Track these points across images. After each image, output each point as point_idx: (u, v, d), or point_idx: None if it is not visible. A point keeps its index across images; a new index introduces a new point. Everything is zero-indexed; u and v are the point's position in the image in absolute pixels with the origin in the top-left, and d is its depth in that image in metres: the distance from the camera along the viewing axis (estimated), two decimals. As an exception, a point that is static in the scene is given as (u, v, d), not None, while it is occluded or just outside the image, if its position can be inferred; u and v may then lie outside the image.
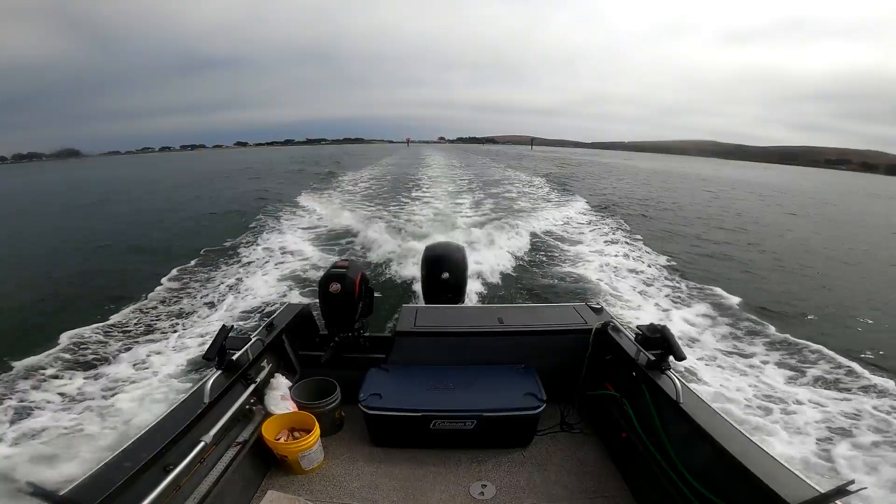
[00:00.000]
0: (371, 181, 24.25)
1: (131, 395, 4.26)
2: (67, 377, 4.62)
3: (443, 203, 15.71)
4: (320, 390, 2.53)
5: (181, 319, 6.09)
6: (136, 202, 20.75)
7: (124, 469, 1.46)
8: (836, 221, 19.96)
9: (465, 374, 2.52)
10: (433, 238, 8.70)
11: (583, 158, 70.23)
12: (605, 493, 2.13)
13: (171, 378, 4.52)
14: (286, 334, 2.68)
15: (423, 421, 2.29)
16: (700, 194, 27.27)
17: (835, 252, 12.70)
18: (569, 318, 2.75)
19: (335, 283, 2.56)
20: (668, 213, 17.74)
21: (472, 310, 3.57)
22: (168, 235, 12.39)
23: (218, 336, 2.12)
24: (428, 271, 3.45)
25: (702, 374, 4.79)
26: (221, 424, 1.87)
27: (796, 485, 1.40)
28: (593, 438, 2.51)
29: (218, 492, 1.82)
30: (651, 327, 2.25)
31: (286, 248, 9.63)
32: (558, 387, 2.56)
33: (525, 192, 20.37)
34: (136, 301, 6.75)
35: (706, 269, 9.41)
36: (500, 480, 2.20)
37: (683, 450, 1.85)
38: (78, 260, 10.16)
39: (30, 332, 5.87)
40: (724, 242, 12.67)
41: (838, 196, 37.00)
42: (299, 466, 2.20)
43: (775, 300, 7.60)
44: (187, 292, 7.15)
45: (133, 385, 4.43)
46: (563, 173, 33.95)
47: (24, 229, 14.93)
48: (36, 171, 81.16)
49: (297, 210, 14.75)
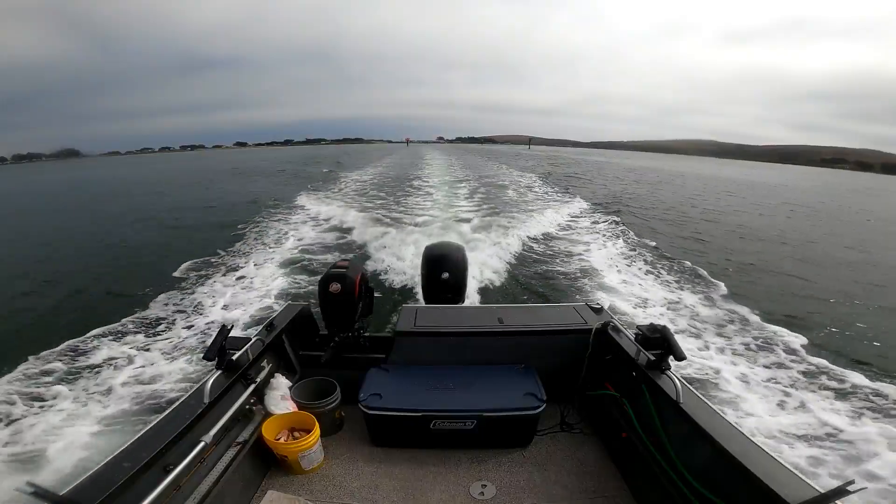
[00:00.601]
0: (371, 181, 24.26)
1: (131, 395, 4.26)
2: (67, 378, 4.63)
3: (442, 202, 15.71)
4: (320, 390, 2.53)
5: (181, 320, 6.09)
6: (136, 203, 20.78)
7: (124, 469, 1.46)
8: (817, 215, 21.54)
9: (465, 374, 2.52)
10: (433, 238, 8.71)
11: (575, 157, 74.11)
12: (605, 493, 2.13)
13: (172, 378, 4.52)
14: (286, 334, 2.68)
15: (423, 421, 2.29)
16: (683, 190, 28.72)
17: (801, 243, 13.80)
18: (569, 318, 2.75)
19: (335, 283, 2.56)
20: (650, 210, 18.00)
21: (472, 310, 3.58)
22: (168, 236, 12.41)
23: (218, 336, 2.12)
24: (428, 271, 3.45)
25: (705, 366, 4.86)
26: (221, 424, 1.87)
27: (796, 485, 1.40)
28: (593, 438, 2.51)
29: (218, 492, 1.82)
30: (651, 327, 2.25)
31: (286, 249, 9.64)
32: (558, 387, 2.56)
33: (525, 191, 20.38)
34: (135, 301, 6.76)
35: (706, 266, 9.43)
36: (500, 480, 2.20)
37: (683, 450, 1.85)
38: (77, 260, 10.18)
39: (29, 332, 5.89)
40: (721, 241, 12.74)
41: (826, 192, 39.34)
42: (299, 466, 2.20)
43: (775, 299, 7.66)
44: (187, 292, 7.15)
45: (133, 385, 4.44)
46: (555, 171, 36.83)
47: (23, 230, 14.95)
48: (36, 171, 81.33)
49: (296, 210, 14.76)
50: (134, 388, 4.38)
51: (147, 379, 4.54)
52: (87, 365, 4.88)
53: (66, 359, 5.00)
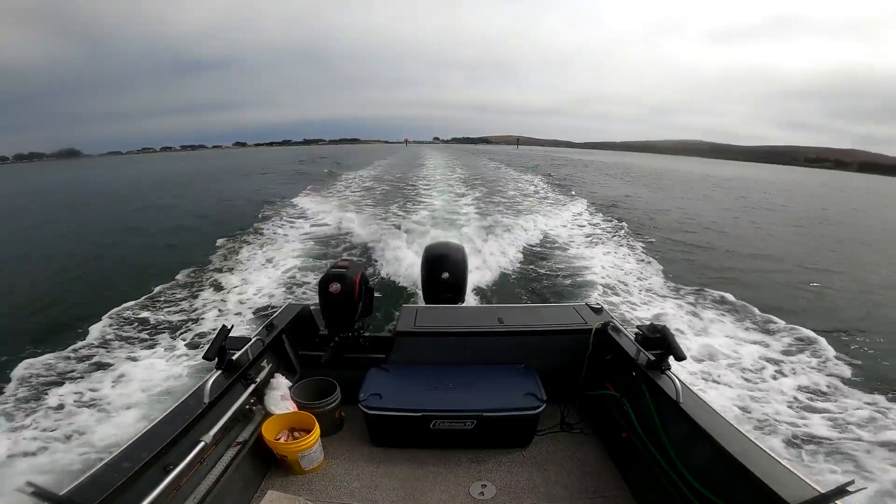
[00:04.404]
0: (371, 181, 24.25)
1: (131, 395, 4.26)
2: (67, 377, 4.63)
3: (442, 202, 15.71)
4: (320, 390, 2.53)
5: (181, 320, 6.09)
6: (136, 203, 20.76)
7: (124, 469, 1.45)
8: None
9: (465, 374, 2.52)
10: (433, 238, 8.70)
11: (559, 156, 78.39)
12: (605, 493, 2.13)
13: (172, 378, 4.51)
14: (286, 334, 2.68)
15: (423, 421, 2.29)
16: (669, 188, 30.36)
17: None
18: (569, 318, 2.75)
19: (335, 283, 2.55)
20: (650, 209, 18.24)
21: (472, 310, 3.57)
22: (167, 237, 12.40)
23: (218, 336, 2.12)
24: (428, 271, 3.45)
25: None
26: (221, 424, 1.87)
27: (796, 485, 1.40)
28: (593, 438, 2.51)
29: (218, 492, 1.82)
30: (651, 327, 2.25)
31: (286, 249, 9.63)
32: (558, 387, 2.56)
33: (525, 191, 20.38)
34: (136, 301, 6.75)
35: (706, 267, 9.46)
36: (500, 480, 2.19)
37: (683, 450, 1.85)
38: (78, 260, 10.18)
39: (30, 332, 5.89)
40: (720, 241, 12.78)
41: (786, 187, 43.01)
42: (299, 466, 2.20)
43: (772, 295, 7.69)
44: (187, 292, 7.15)
45: (133, 385, 4.43)
46: (523, 163, 43.55)
47: (23, 229, 14.96)
48: (38, 170, 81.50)
49: (296, 210, 14.74)
50: (134, 388, 4.38)
51: (147, 379, 4.53)
52: (87, 365, 4.88)
53: (66, 357, 5.00)
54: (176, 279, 7.85)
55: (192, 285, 7.49)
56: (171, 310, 6.44)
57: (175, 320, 6.07)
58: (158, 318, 6.16)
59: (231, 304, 6.52)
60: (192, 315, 6.23)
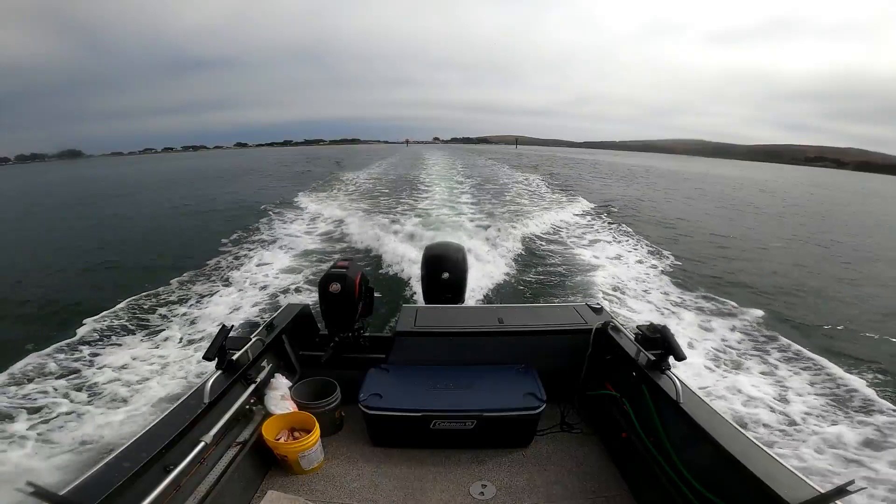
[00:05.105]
0: (372, 181, 24.24)
1: (131, 395, 4.26)
2: (66, 378, 4.63)
3: (442, 202, 15.71)
4: (320, 390, 2.53)
5: (180, 320, 6.09)
6: (136, 203, 20.80)
7: (124, 469, 1.46)
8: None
9: (465, 374, 2.52)
10: (433, 238, 8.70)
11: (558, 155, 79.52)
12: (605, 493, 2.13)
13: (171, 378, 4.52)
14: (286, 334, 2.68)
15: (423, 421, 2.29)
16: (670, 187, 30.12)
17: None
18: (569, 318, 2.75)
19: (335, 283, 2.55)
20: (648, 209, 18.18)
21: (472, 310, 3.57)
22: (166, 237, 12.41)
23: (218, 336, 2.12)
24: (428, 271, 3.45)
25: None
26: (221, 424, 1.87)
27: (796, 485, 1.40)
28: (593, 438, 2.50)
29: (218, 492, 1.82)
30: (651, 327, 2.25)
31: (287, 249, 9.64)
32: (558, 387, 2.56)
33: (525, 191, 20.36)
34: (135, 301, 6.75)
35: (706, 267, 9.44)
36: (500, 480, 2.19)
37: (683, 450, 1.85)
38: (76, 261, 10.19)
39: (30, 332, 5.89)
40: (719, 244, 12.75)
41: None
42: (299, 466, 2.20)
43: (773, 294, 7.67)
44: (187, 293, 7.15)
45: (133, 386, 4.44)
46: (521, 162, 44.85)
47: (23, 230, 15.00)
48: (41, 171, 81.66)
49: (296, 210, 14.75)
50: (134, 388, 4.38)
51: (147, 379, 4.54)
52: (87, 365, 4.88)
53: (65, 359, 5.00)
54: (176, 279, 7.85)
55: (192, 285, 7.50)
56: (171, 310, 6.44)
57: (175, 320, 6.07)
58: (158, 318, 6.17)
59: (231, 304, 6.52)
60: (192, 315, 6.23)
